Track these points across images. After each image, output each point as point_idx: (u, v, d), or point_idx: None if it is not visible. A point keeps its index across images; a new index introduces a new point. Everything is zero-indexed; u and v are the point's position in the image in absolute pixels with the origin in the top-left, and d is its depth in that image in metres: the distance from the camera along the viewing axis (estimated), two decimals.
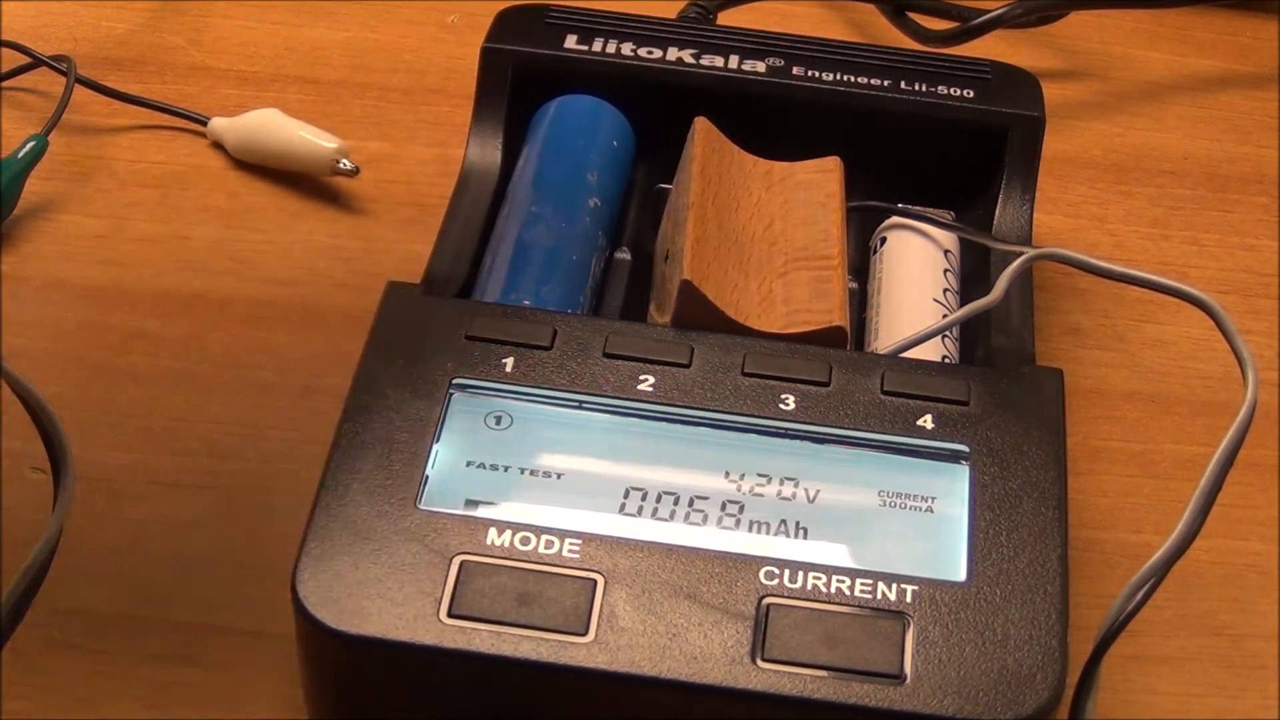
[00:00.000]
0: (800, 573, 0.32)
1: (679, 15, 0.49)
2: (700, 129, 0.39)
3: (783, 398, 0.35)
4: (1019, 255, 0.37)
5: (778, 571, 0.32)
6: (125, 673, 0.37)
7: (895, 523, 0.33)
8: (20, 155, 0.46)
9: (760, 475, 0.34)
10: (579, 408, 0.35)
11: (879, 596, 0.32)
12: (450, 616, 0.31)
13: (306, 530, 0.32)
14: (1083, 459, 0.42)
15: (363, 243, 0.46)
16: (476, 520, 0.32)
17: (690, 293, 0.36)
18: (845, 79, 0.43)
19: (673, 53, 0.43)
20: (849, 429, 0.34)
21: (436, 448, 0.34)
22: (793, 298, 0.37)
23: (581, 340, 0.36)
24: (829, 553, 0.33)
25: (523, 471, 0.34)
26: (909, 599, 0.32)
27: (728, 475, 0.34)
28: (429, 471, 0.33)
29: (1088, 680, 0.33)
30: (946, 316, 0.38)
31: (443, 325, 0.36)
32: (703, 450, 0.34)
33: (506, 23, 0.44)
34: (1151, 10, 0.55)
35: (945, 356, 0.38)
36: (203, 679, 0.36)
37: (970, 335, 0.39)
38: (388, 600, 0.31)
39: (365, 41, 0.53)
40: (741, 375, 0.35)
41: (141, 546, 0.39)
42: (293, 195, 0.48)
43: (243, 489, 0.40)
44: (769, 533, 0.33)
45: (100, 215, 0.47)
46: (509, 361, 0.35)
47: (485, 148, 0.42)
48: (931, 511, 0.33)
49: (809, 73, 0.43)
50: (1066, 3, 0.53)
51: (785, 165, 0.40)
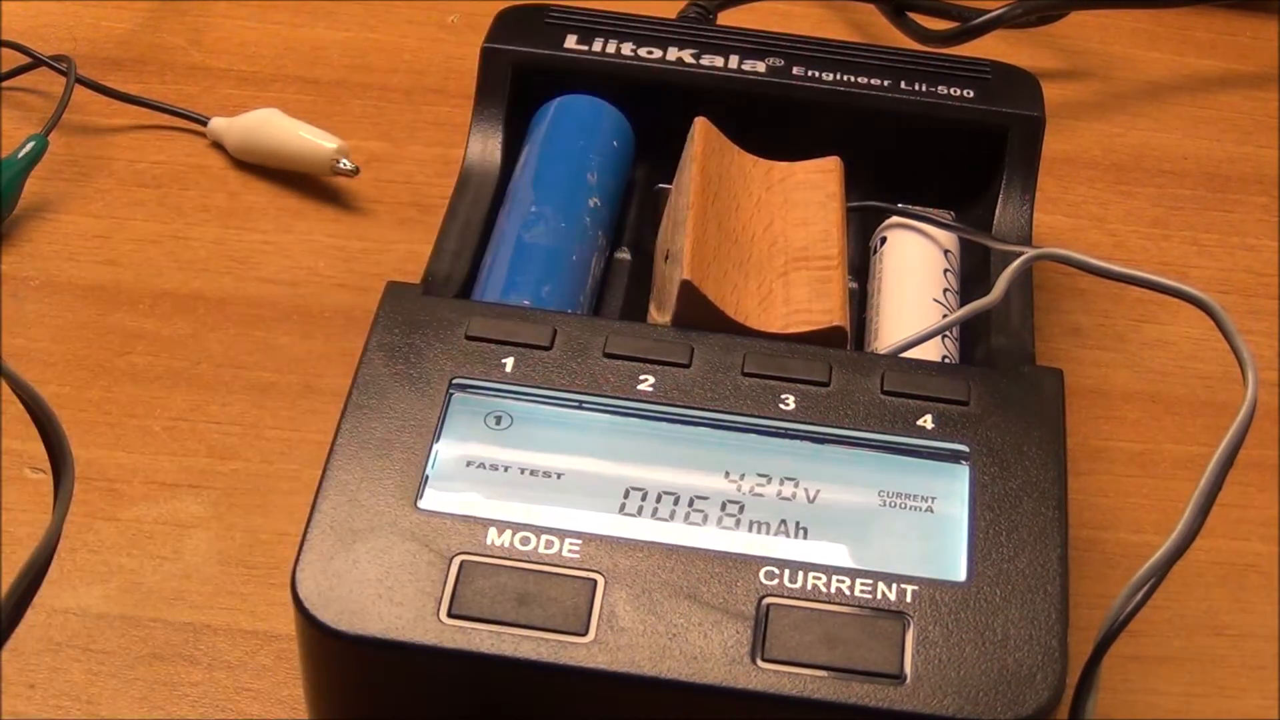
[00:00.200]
0: (800, 573, 0.32)
1: (679, 15, 0.49)
2: (700, 129, 0.39)
3: (783, 398, 0.35)
4: (1019, 255, 0.37)
5: (778, 571, 0.32)
6: (125, 673, 0.37)
7: (895, 523, 0.33)
8: (20, 155, 0.46)
9: (760, 475, 0.34)
10: (579, 408, 0.35)
11: (879, 596, 0.32)
12: (450, 616, 0.31)
13: (306, 530, 0.32)
14: (1083, 459, 0.42)
15: (363, 243, 0.46)
16: (476, 520, 0.32)
17: (690, 293, 0.36)
18: (845, 79, 0.43)
19: (673, 53, 0.43)
20: (849, 429, 0.34)
21: (436, 448, 0.34)
22: (793, 298, 0.37)
23: (581, 340, 0.36)
24: (829, 553, 0.33)
25: (523, 471, 0.34)
26: (909, 599, 0.32)
27: (728, 475, 0.34)
28: (429, 471, 0.33)
29: (1088, 680, 0.33)
30: (946, 316, 0.38)
31: (443, 325, 0.36)
32: (703, 450, 0.34)
33: (506, 23, 0.44)
34: (1151, 10, 0.55)
35: (945, 356, 0.38)
36: (202, 679, 0.37)
37: (970, 335, 0.39)
38: (388, 600, 0.31)
39: (365, 41, 0.53)
40: (741, 375, 0.35)
41: (141, 546, 0.39)
42: (293, 195, 0.48)
43: (243, 489, 0.40)
44: (769, 533, 0.33)
45: (100, 215, 0.47)
46: (509, 361, 0.35)
47: (485, 148, 0.42)
48: (931, 511, 0.33)
49: (809, 73, 0.43)
50: (1066, 3, 0.53)
51: (785, 165, 0.40)
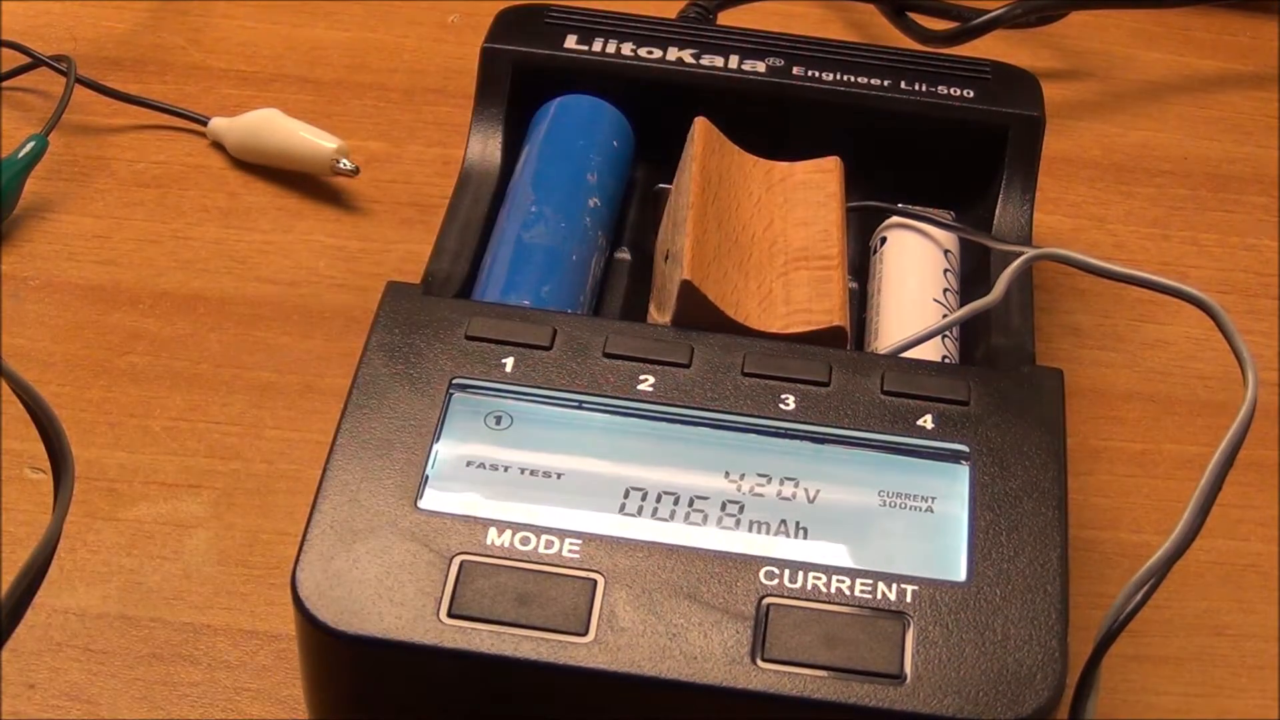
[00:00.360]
0: (800, 573, 0.32)
1: (679, 15, 0.49)
2: (700, 129, 0.39)
3: (783, 398, 0.35)
4: (1019, 255, 0.37)
5: (778, 571, 0.32)
6: (125, 673, 0.37)
7: (895, 523, 0.33)
8: (20, 155, 0.46)
9: (760, 475, 0.34)
10: (579, 408, 0.35)
11: (879, 596, 0.32)
12: (450, 616, 0.31)
13: (306, 530, 0.32)
14: (1083, 459, 0.42)
15: (363, 243, 0.46)
16: (476, 520, 0.32)
17: (690, 293, 0.36)
18: (845, 79, 0.43)
19: (673, 53, 0.43)
20: (849, 429, 0.34)
21: (436, 448, 0.34)
22: (793, 298, 0.37)
23: (581, 340, 0.36)
24: (829, 553, 0.33)
25: (523, 471, 0.34)
26: (909, 599, 0.32)
27: (728, 475, 0.34)
28: (429, 471, 0.33)
29: (1088, 680, 0.33)
30: (946, 316, 0.38)
31: (443, 325, 0.36)
32: (703, 450, 0.34)
33: (506, 23, 0.44)
34: (1151, 10, 0.55)
35: (945, 356, 0.38)
36: (202, 679, 0.37)
37: (970, 335, 0.39)
38: (388, 600, 0.31)
39: (365, 41, 0.53)
40: (741, 375, 0.35)
41: (141, 546, 0.39)
42: (293, 195, 0.48)
43: (243, 489, 0.40)
44: (769, 533, 0.33)
45: (100, 215, 0.47)
46: (509, 361, 0.35)
47: (485, 148, 0.42)
48: (931, 511, 0.33)
49: (809, 73, 0.43)
50: (1066, 3, 0.53)
51: (785, 165, 0.40)
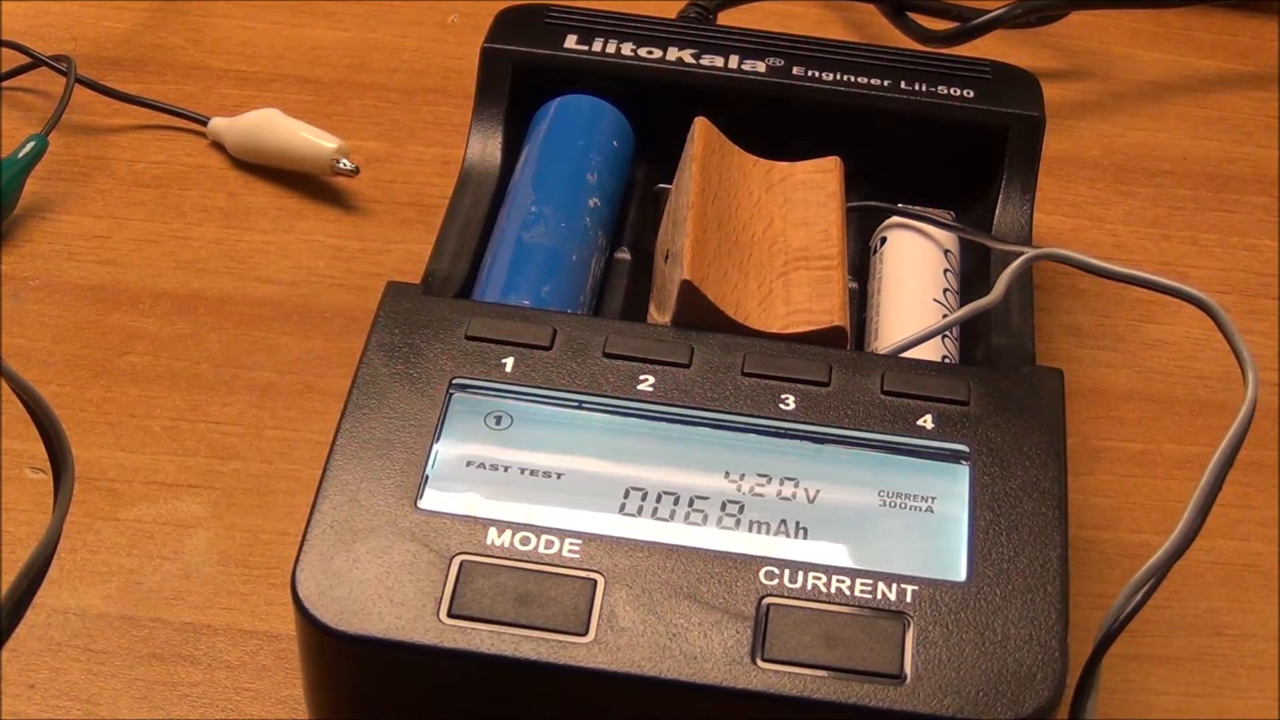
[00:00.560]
0: (800, 573, 0.32)
1: (679, 15, 0.49)
2: (700, 129, 0.39)
3: (783, 398, 0.35)
4: (1019, 255, 0.37)
5: (778, 571, 0.32)
6: (125, 673, 0.37)
7: (895, 523, 0.33)
8: (20, 155, 0.46)
9: (760, 475, 0.34)
10: (579, 408, 0.35)
11: (879, 596, 0.32)
12: (450, 616, 0.31)
13: (306, 530, 0.32)
14: (1083, 459, 0.42)
15: (363, 243, 0.46)
16: (476, 520, 0.32)
17: (690, 293, 0.36)
18: (845, 79, 0.43)
19: (673, 53, 0.43)
20: (849, 429, 0.34)
21: (436, 448, 0.34)
22: (793, 298, 0.37)
23: (581, 340, 0.36)
24: (829, 553, 0.33)
25: (523, 471, 0.34)
26: (909, 599, 0.32)
27: (728, 475, 0.34)
28: (429, 471, 0.33)
29: (1088, 680, 0.33)
30: (946, 316, 0.38)
31: (443, 325, 0.36)
32: (703, 450, 0.34)
33: (506, 23, 0.44)
34: (1151, 10, 0.55)
35: (945, 356, 0.38)
36: (202, 679, 0.37)
37: (970, 335, 0.39)
38: (387, 600, 0.31)
39: (365, 41, 0.53)
40: (741, 375, 0.35)
41: (141, 546, 0.39)
42: (293, 195, 0.48)
43: (243, 489, 0.40)
44: (769, 533, 0.33)
45: (100, 215, 0.47)
46: (509, 361, 0.35)
47: (485, 148, 0.42)
48: (931, 511, 0.33)
49: (809, 73, 0.43)
50: (1066, 3, 0.53)
51: (785, 165, 0.40)
